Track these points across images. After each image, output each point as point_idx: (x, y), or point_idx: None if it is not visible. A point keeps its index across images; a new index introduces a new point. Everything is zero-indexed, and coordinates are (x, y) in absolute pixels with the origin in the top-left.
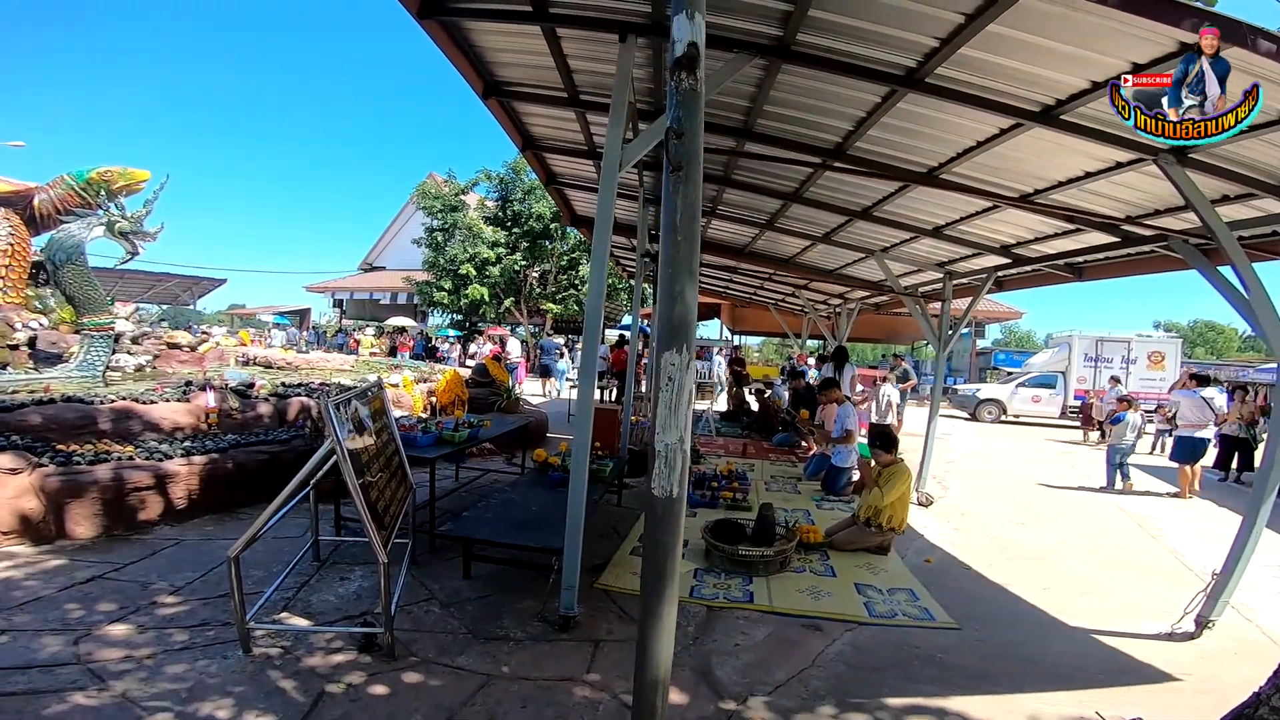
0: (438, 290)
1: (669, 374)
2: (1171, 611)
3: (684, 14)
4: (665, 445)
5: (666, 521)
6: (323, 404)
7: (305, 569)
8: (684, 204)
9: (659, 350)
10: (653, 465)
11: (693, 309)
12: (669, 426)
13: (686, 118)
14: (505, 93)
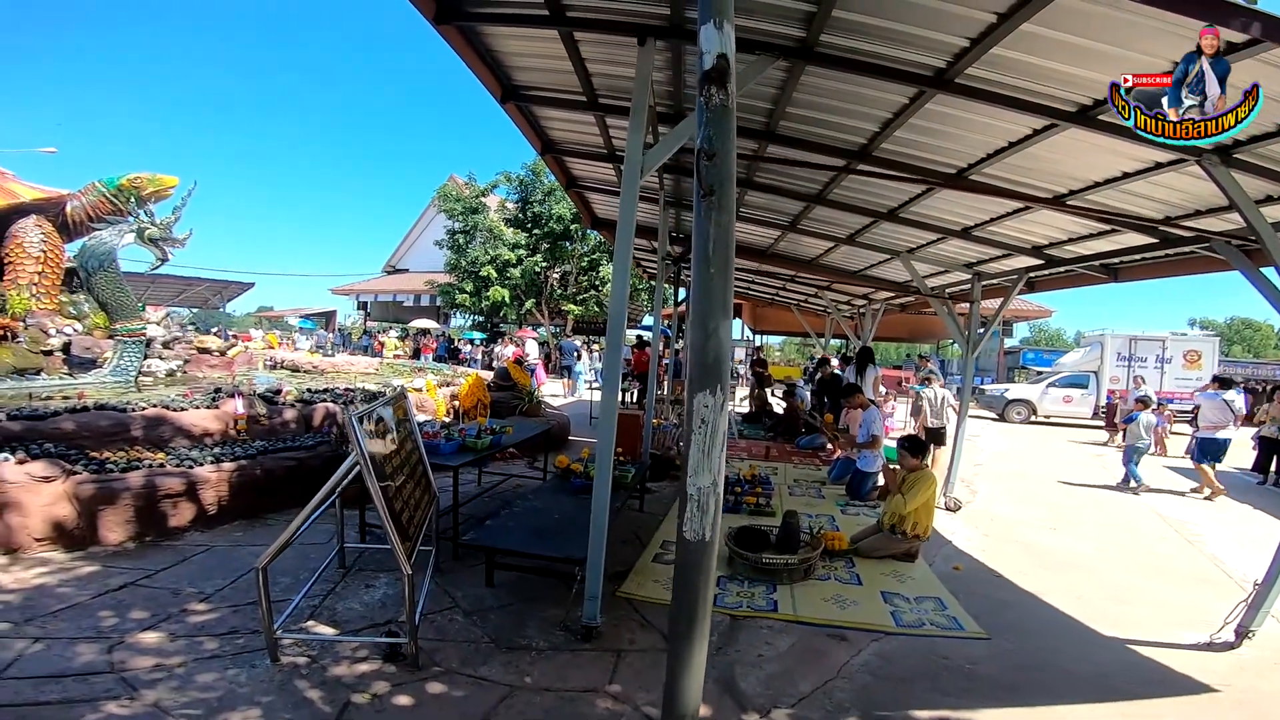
0: (459, 292)
1: (702, 415)
2: (1211, 621)
3: (712, 23)
4: (698, 489)
5: (698, 565)
6: (347, 417)
7: (331, 576)
8: (717, 232)
9: (692, 390)
10: (684, 509)
11: (727, 345)
12: (701, 470)
13: (718, 137)
14: (523, 97)
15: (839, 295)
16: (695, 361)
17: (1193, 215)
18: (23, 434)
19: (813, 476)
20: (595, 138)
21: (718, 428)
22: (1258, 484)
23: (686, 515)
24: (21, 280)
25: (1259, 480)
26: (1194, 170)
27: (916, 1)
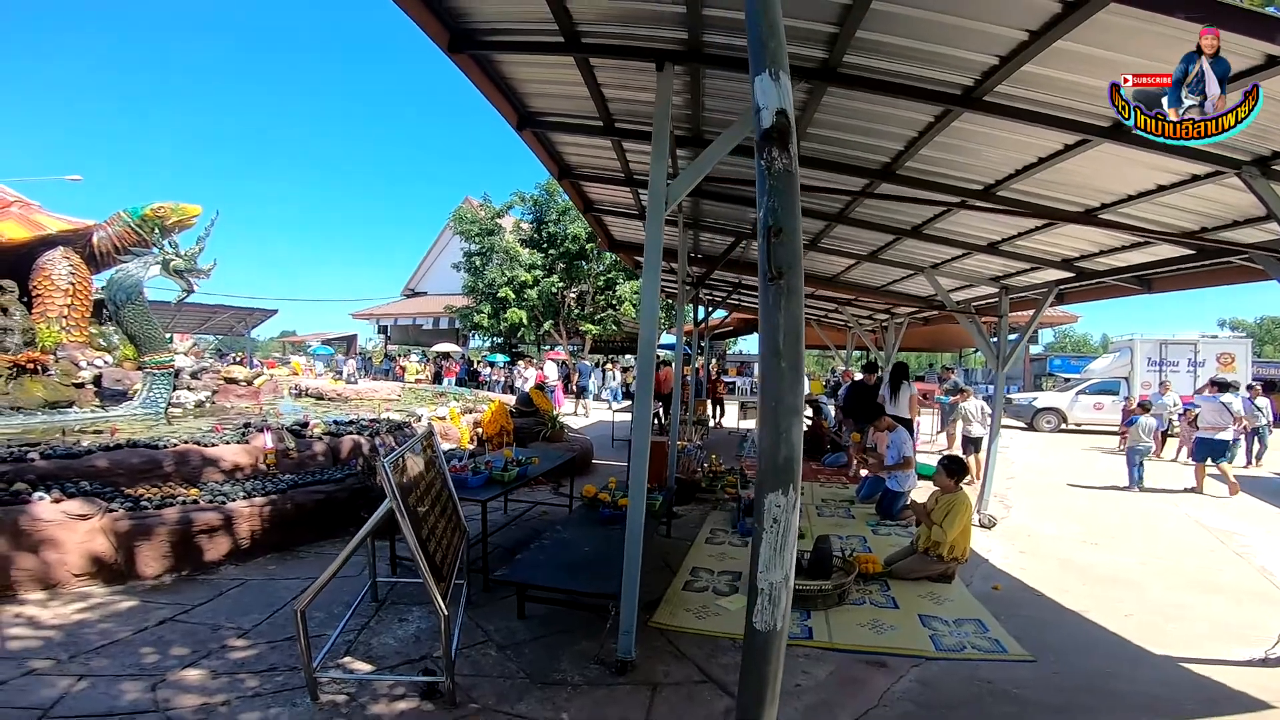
0: (477, 314)
1: (774, 515)
2: (1266, 636)
3: (766, 74)
4: (770, 584)
5: (766, 655)
6: (380, 464)
7: (364, 610)
8: (788, 321)
9: (763, 490)
10: (755, 599)
11: (799, 446)
12: (774, 566)
13: (784, 209)
14: (540, 123)
15: (860, 310)
16: (767, 462)
17: (1229, 226)
18: (56, 472)
19: (841, 495)
20: (612, 162)
21: (790, 526)
22: None
23: (757, 607)
24: (51, 313)
25: None
26: (1231, 182)
27: (943, 21)
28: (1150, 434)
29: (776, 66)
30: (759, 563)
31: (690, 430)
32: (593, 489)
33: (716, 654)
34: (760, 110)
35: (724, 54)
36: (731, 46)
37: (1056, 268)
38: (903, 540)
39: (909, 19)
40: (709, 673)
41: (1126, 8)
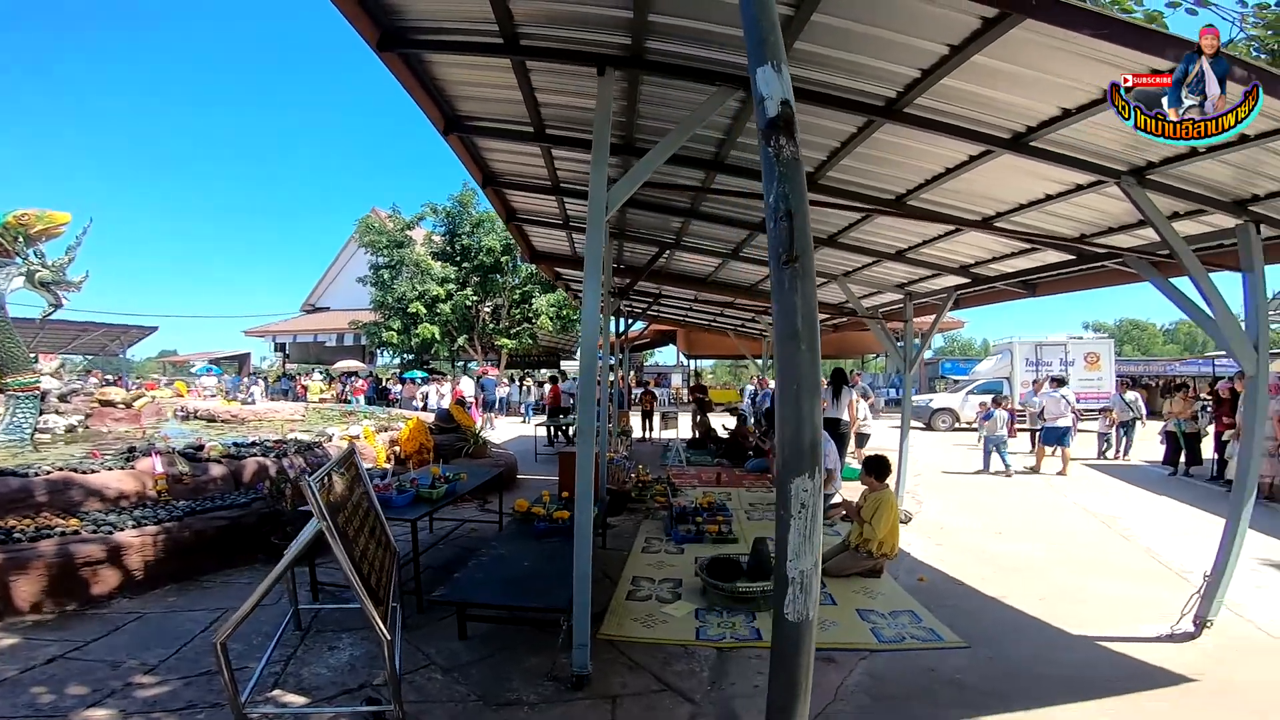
0: (386, 330)
1: (801, 500)
2: (1165, 612)
3: (769, 66)
4: (800, 573)
5: (798, 645)
6: (305, 483)
7: (288, 639)
8: (804, 304)
9: (787, 475)
10: (785, 590)
11: (820, 428)
12: (804, 553)
13: (794, 195)
14: (467, 128)
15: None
16: (791, 446)
17: (1106, 233)
18: None
19: (767, 499)
20: (540, 169)
21: (817, 511)
22: (1169, 475)
23: (788, 598)
24: None
25: (1170, 472)
26: (1110, 191)
27: (875, 34)
28: (1004, 424)
29: (777, 59)
30: (788, 550)
31: (616, 442)
32: (525, 503)
33: (670, 662)
34: (764, 100)
35: (665, 61)
36: (673, 54)
37: (955, 274)
38: (832, 540)
39: (845, 31)
40: (666, 681)
41: (1040, 24)
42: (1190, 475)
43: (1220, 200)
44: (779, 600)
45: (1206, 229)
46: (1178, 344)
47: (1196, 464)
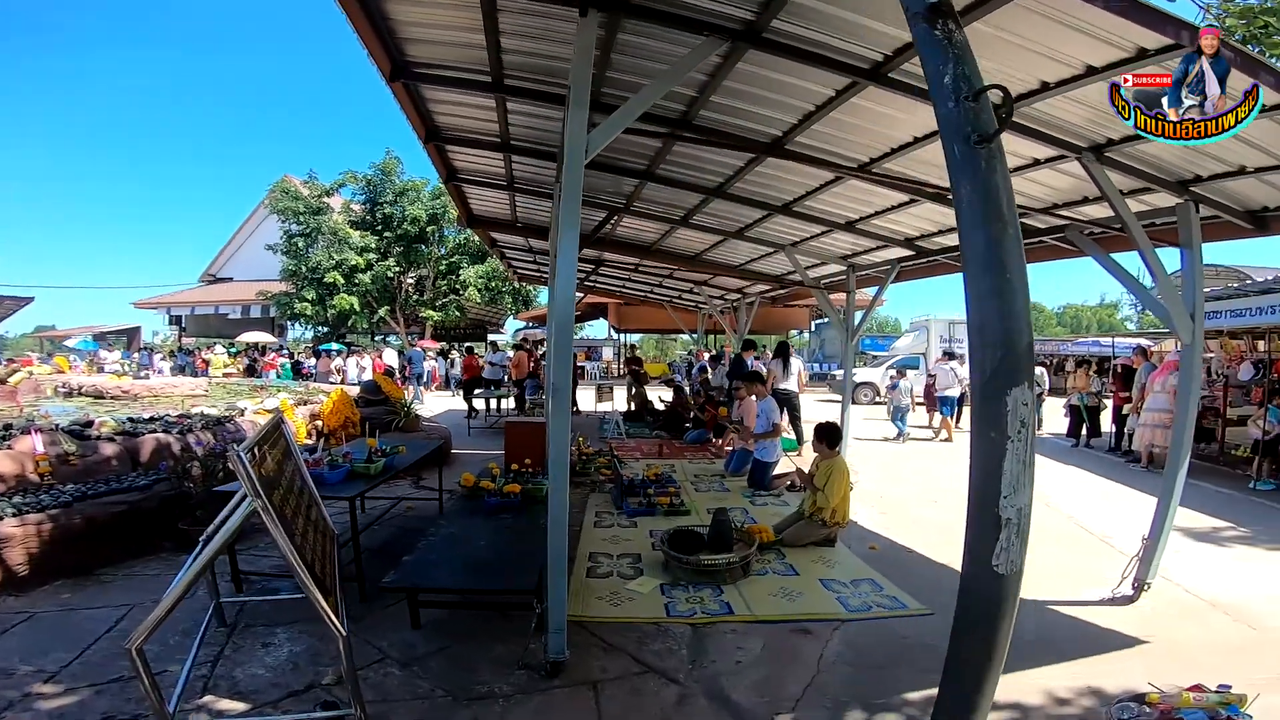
0: (299, 301)
1: (1021, 417)
2: (1099, 577)
3: None
4: (1017, 511)
5: (1001, 605)
6: (234, 454)
7: (213, 638)
8: (1005, 185)
9: (1002, 386)
10: (999, 534)
11: (1031, 329)
12: (1022, 486)
13: (973, 75)
14: (415, 75)
15: (714, 290)
16: (1003, 350)
17: (1050, 209)
18: None
19: (710, 470)
20: (490, 124)
21: (1033, 431)
22: (1071, 447)
23: (1000, 544)
24: None
25: (1073, 444)
26: (1064, 167)
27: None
28: (908, 394)
29: None
30: (1002, 483)
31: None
32: (471, 477)
33: (645, 641)
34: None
35: (652, 6)
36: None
37: (900, 246)
38: (781, 509)
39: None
40: (646, 661)
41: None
42: (1091, 446)
43: (1166, 180)
44: (984, 550)
45: (1146, 207)
46: (1065, 326)
47: (1096, 436)
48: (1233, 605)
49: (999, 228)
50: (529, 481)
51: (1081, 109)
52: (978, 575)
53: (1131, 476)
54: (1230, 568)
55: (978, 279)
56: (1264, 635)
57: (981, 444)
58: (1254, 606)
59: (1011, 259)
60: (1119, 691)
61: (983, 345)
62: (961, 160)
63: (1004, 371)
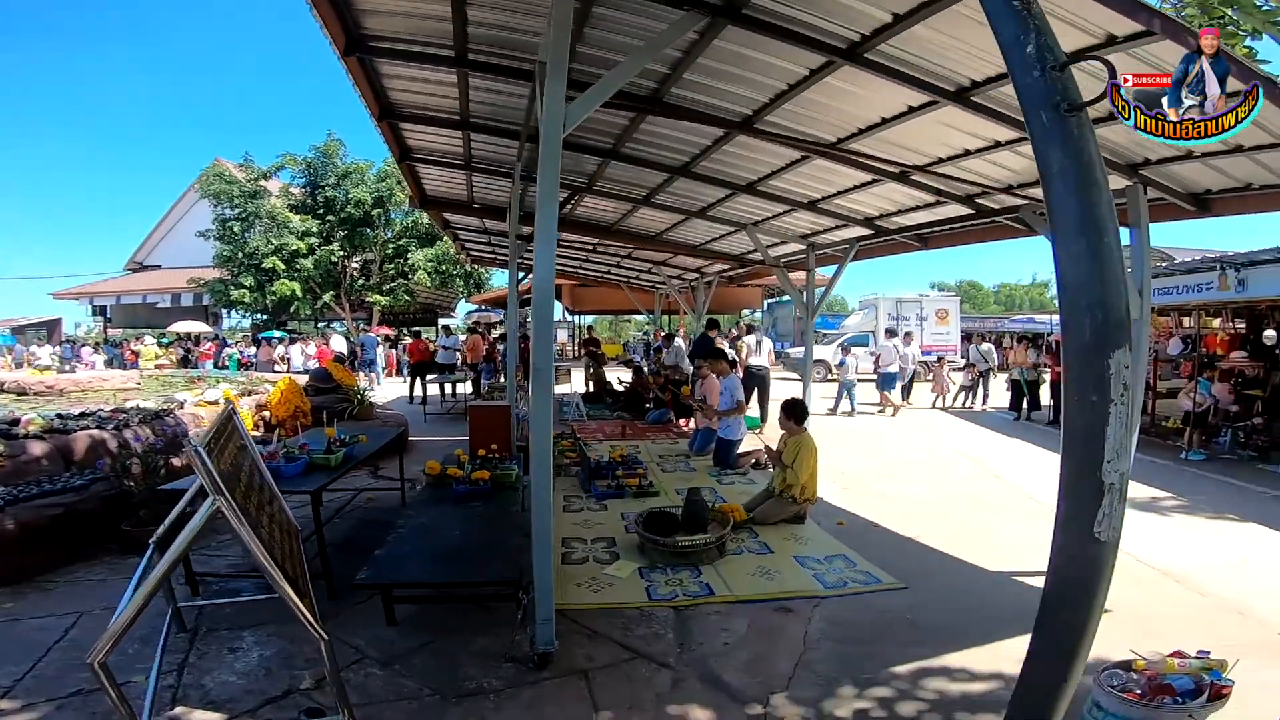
0: (236, 288)
1: (1124, 380)
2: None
3: None
4: (1120, 475)
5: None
6: (192, 449)
7: (174, 645)
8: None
9: (1102, 350)
10: (1101, 499)
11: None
12: (1124, 450)
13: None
14: (372, 49)
15: (673, 270)
16: (1102, 312)
17: (1005, 190)
18: None
19: (675, 450)
20: (450, 100)
21: (1138, 396)
22: (1014, 420)
23: (1102, 510)
24: None
25: (1014, 417)
26: (1023, 149)
27: None
28: (855, 371)
29: None
30: (1105, 449)
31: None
32: (436, 465)
33: (630, 627)
34: None
35: None
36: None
37: (860, 225)
38: (748, 487)
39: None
40: (634, 647)
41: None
42: (1032, 420)
43: (1117, 163)
44: (1084, 516)
45: None
46: (1000, 304)
47: (1036, 409)
48: (1182, 574)
49: (1095, 192)
50: (497, 467)
51: None
52: (1077, 543)
53: None
54: (1175, 537)
55: (1072, 243)
56: (1213, 601)
57: (1081, 409)
58: (1200, 574)
59: (1107, 223)
60: (1091, 660)
61: (1081, 309)
62: (1050, 128)
63: (1105, 334)
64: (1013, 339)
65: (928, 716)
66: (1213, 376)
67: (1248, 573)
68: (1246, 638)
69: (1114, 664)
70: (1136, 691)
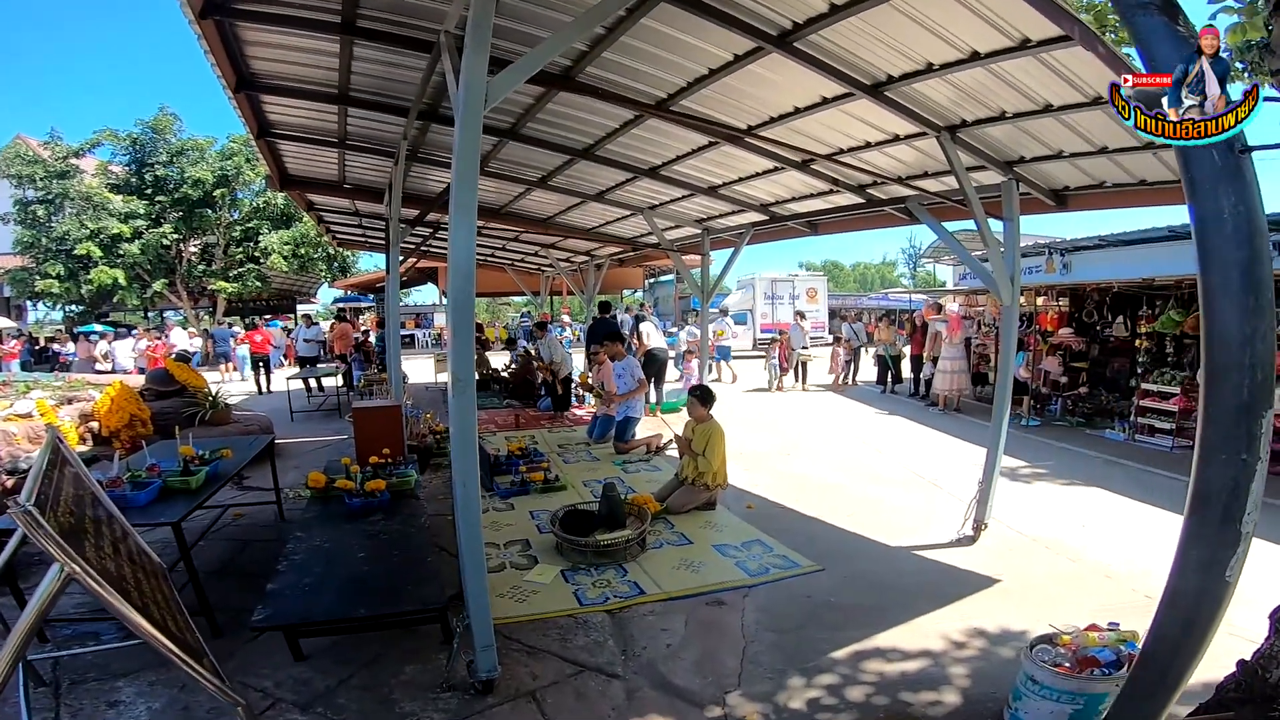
0: (42, 278)
1: (1268, 437)
2: (939, 518)
3: None
4: (1253, 523)
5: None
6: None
7: (37, 703)
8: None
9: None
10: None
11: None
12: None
13: None
14: (234, 10)
15: (561, 253)
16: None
17: (898, 181)
18: None
19: (574, 439)
20: (325, 73)
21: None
22: (880, 393)
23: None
24: None
25: (880, 390)
26: (918, 143)
27: None
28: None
29: None
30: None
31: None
32: (321, 476)
33: (567, 637)
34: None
35: None
36: None
37: (756, 210)
38: (653, 474)
39: None
40: (577, 660)
41: None
42: (895, 392)
43: (996, 160)
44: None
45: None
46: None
47: (899, 382)
48: (1053, 541)
49: (1260, 242)
50: (392, 474)
51: (951, 91)
52: (1206, 584)
53: (935, 419)
54: (1040, 504)
55: (1233, 298)
56: (1085, 567)
57: (1229, 465)
58: (1069, 540)
59: (1268, 276)
60: (998, 630)
61: (1237, 367)
62: (1222, 169)
63: (1259, 394)
64: (873, 316)
65: (876, 699)
66: (1038, 351)
67: (1101, 536)
68: (1121, 600)
69: (1038, 638)
70: (1065, 665)
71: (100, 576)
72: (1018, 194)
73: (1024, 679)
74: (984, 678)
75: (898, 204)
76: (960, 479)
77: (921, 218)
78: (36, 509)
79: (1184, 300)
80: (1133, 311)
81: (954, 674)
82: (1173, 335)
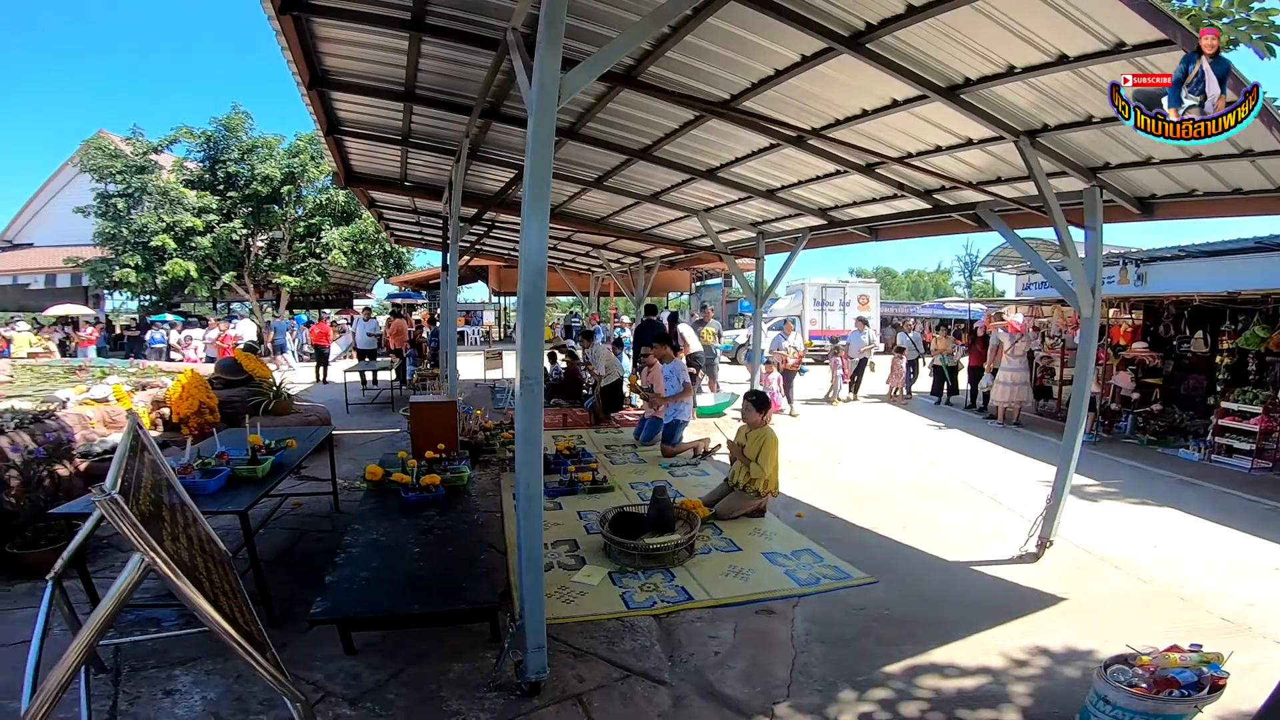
0: (120, 268)
1: None
2: (1005, 534)
3: None
4: None
5: None
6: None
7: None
8: None
9: None
10: None
11: None
12: None
13: None
14: (311, 6)
15: (613, 254)
16: None
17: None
18: None
19: (621, 440)
20: (395, 69)
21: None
22: (935, 404)
23: None
24: None
25: (935, 401)
26: (992, 148)
27: None
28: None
29: None
30: None
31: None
32: (378, 469)
33: (614, 640)
34: None
35: None
36: None
37: (814, 214)
38: (701, 479)
39: None
40: (624, 664)
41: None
42: (950, 404)
43: (1079, 166)
44: None
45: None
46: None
47: (955, 393)
48: (1123, 560)
49: None
50: (446, 470)
51: (1032, 94)
52: None
53: (994, 433)
54: (1108, 522)
55: None
56: (1157, 588)
57: None
58: (1139, 559)
59: None
60: (1063, 649)
61: None
62: None
63: None
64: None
65: (931, 715)
66: (1109, 365)
67: (1175, 557)
68: (1198, 623)
69: (1113, 658)
70: (1142, 686)
71: (176, 566)
72: (1100, 201)
73: (1095, 699)
74: (1047, 697)
75: (966, 210)
76: (1021, 494)
77: (992, 224)
78: (118, 494)
79: (1269, 315)
80: (1214, 327)
81: (1015, 692)
82: (1255, 352)
